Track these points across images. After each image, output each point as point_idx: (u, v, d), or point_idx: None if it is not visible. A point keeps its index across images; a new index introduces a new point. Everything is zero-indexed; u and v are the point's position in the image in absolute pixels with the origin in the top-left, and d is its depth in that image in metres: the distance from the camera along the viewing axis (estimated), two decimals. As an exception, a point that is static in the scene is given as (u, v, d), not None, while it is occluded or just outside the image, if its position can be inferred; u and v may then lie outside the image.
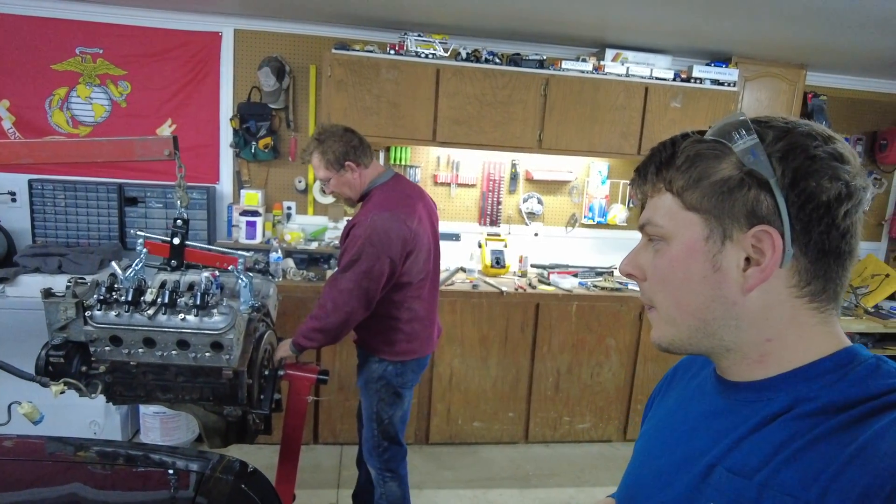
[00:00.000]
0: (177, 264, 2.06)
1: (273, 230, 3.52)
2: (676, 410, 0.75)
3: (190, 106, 3.42)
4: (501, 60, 3.30)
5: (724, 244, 0.59)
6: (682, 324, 0.63)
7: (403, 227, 2.06)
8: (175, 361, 1.82)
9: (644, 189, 0.66)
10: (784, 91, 3.68)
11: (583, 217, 3.87)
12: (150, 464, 1.58)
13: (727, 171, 0.59)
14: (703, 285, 0.60)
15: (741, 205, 0.58)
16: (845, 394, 0.56)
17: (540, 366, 3.36)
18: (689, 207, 0.61)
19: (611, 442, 3.53)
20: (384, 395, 2.23)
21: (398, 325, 2.19)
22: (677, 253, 0.62)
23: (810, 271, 0.58)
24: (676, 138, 0.64)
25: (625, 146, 3.42)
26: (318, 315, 2.09)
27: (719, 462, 0.61)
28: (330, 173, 2.14)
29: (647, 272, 0.66)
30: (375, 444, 2.28)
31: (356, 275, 2.03)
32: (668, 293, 0.63)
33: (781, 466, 0.56)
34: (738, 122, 0.60)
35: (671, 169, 0.62)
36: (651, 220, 0.64)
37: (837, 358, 0.59)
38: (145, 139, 1.98)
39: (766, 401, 0.60)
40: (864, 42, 3.07)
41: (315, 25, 3.40)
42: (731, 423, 0.63)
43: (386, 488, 2.30)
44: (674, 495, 0.66)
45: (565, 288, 3.40)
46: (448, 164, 3.67)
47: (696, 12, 2.75)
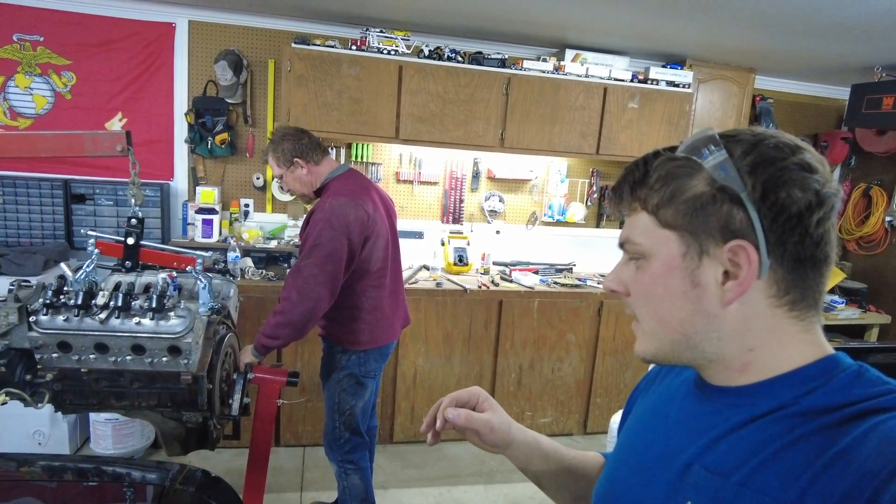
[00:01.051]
0: (132, 265, 1.97)
1: (230, 228, 3.42)
2: (658, 408, 0.75)
3: (142, 99, 3.28)
4: (464, 59, 3.30)
5: (702, 259, 0.60)
6: (664, 337, 0.64)
7: (360, 210, 2.11)
8: (130, 367, 1.74)
9: (620, 208, 0.67)
10: (735, 93, 3.81)
11: (543, 215, 3.92)
12: (105, 477, 1.51)
13: (699, 188, 0.59)
14: (684, 300, 0.61)
15: (715, 220, 0.59)
16: (827, 399, 0.56)
17: (503, 362, 3.39)
18: (664, 225, 0.62)
19: (572, 435, 3.60)
20: (346, 385, 2.24)
21: (360, 314, 2.21)
22: (656, 270, 0.63)
23: (788, 281, 0.59)
24: (648, 157, 0.65)
25: (584, 146, 3.48)
26: (282, 309, 2.05)
27: (697, 460, 0.62)
28: (282, 170, 2.22)
29: (629, 288, 0.66)
30: (336, 437, 2.28)
31: (319, 259, 2.03)
32: (649, 308, 0.64)
33: (760, 467, 0.56)
34: (707, 137, 0.60)
35: (644, 188, 0.63)
36: (629, 238, 0.65)
37: (821, 365, 0.59)
38: (96, 133, 1.88)
39: (750, 405, 0.61)
40: (809, 48, 3.22)
41: (274, 19, 3.32)
42: (710, 423, 0.63)
43: (348, 481, 2.29)
44: (652, 493, 0.66)
45: (527, 285, 3.44)
46: (411, 162, 3.65)
47: (652, 15, 2.82)
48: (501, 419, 0.83)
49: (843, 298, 3.93)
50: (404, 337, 3.19)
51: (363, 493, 2.33)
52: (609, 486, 0.75)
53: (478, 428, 0.81)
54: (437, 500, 2.88)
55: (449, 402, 0.83)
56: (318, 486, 2.90)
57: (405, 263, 3.52)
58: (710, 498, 0.59)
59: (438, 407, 0.83)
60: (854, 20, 2.64)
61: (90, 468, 1.66)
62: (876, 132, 3.91)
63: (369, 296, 2.22)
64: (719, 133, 0.61)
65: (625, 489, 0.71)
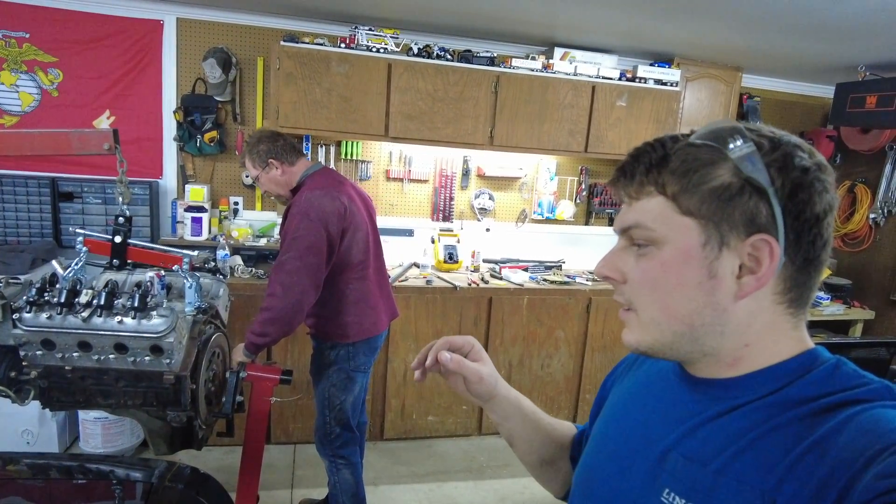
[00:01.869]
0: (119, 263, 1.97)
1: (219, 226, 3.41)
2: (636, 395, 0.75)
3: (130, 97, 3.26)
4: (453, 57, 3.31)
5: (721, 251, 0.59)
6: (667, 329, 0.62)
7: (336, 202, 2.13)
8: (113, 366, 1.74)
9: (629, 190, 0.64)
10: (722, 92, 3.85)
11: (532, 213, 3.94)
12: (92, 475, 1.52)
13: (726, 178, 0.58)
14: (697, 291, 0.59)
15: (740, 212, 0.58)
16: (805, 391, 0.57)
17: (493, 358, 3.32)
18: (684, 212, 0.60)
19: (561, 431, 3.62)
20: (336, 380, 2.26)
21: (345, 307, 2.23)
22: (671, 258, 0.60)
23: (794, 279, 0.59)
24: (664, 140, 0.63)
25: (572, 144, 3.51)
26: (268, 305, 2.06)
27: (675, 448, 0.62)
28: (257, 171, 2.25)
29: (627, 275, 0.64)
30: (327, 432, 2.29)
31: (299, 252, 2.04)
32: (655, 298, 0.62)
33: (738, 455, 0.57)
34: (732, 128, 0.60)
35: (664, 171, 0.61)
36: (640, 223, 0.62)
37: (800, 359, 0.60)
38: (83, 132, 1.88)
39: (731, 397, 0.61)
40: (795, 48, 3.26)
41: (262, 16, 3.31)
42: (689, 412, 0.64)
43: (339, 476, 2.31)
44: (631, 481, 0.66)
45: (516, 282, 3.46)
46: (401, 160, 3.65)
47: (640, 14, 2.84)
48: (490, 371, 0.84)
49: (829, 294, 3.99)
50: (394, 334, 3.21)
51: (353, 488, 2.34)
52: (587, 474, 0.75)
53: (467, 375, 0.82)
54: (428, 496, 2.90)
55: (442, 345, 0.83)
56: (308, 483, 2.91)
57: (395, 261, 3.54)
58: (687, 485, 0.59)
59: (431, 346, 0.84)
60: (838, 20, 2.67)
61: (76, 466, 1.66)
62: (860, 130, 3.97)
63: (353, 288, 2.24)
64: (741, 124, 0.60)
65: (603, 477, 0.71)
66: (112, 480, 1.45)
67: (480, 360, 0.85)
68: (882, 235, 4.11)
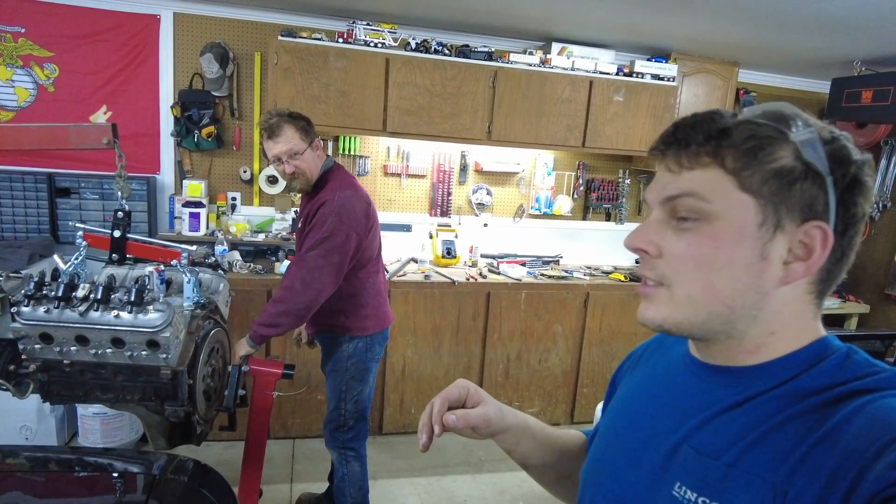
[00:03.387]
0: (118, 258, 1.97)
1: (217, 222, 3.41)
2: (645, 388, 0.74)
3: (127, 92, 3.25)
4: (450, 52, 3.31)
5: (776, 234, 0.57)
6: (703, 308, 0.60)
7: (362, 202, 2.15)
8: (111, 360, 1.73)
9: (681, 158, 0.60)
10: (718, 87, 3.86)
11: (530, 208, 3.95)
12: (94, 468, 1.52)
13: (788, 160, 0.57)
14: (745, 272, 0.58)
15: (800, 197, 0.56)
16: (816, 381, 0.57)
17: (491, 353, 3.43)
18: (744, 189, 0.57)
19: (559, 425, 3.65)
20: (355, 372, 2.28)
21: (365, 300, 2.25)
22: (724, 234, 0.58)
23: (828, 271, 0.59)
24: (720, 111, 0.60)
25: (570, 139, 3.51)
26: (283, 297, 2.06)
27: (686, 441, 0.62)
28: (305, 144, 2.11)
29: (664, 249, 0.61)
30: (340, 424, 2.31)
31: (326, 251, 2.05)
32: (699, 275, 0.59)
33: (749, 448, 0.56)
34: (794, 112, 0.58)
35: (726, 143, 0.58)
36: (695, 191, 0.59)
37: (813, 348, 0.60)
38: (82, 126, 1.88)
39: (743, 386, 0.60)
40: (791, 43, 3.27)
41: (259, 11, 3.30)
42: (700, 404, 0.63)
43: (348, 468, 2.33)
44: (641, 474, 0.66)
45: (514, 277, 3.47)
46: (398, 155, 3.66)
47: (637, 9, 2.85)
48: (495, 409, 0.81)
49: (824, 288, 4.01)
50: (393, 329, 3.20)
51: (360, 480, 2.36)
52: (597, 467, 0.75)
53: (475, 425, 0.78)
54: (427, 489, 2.92)
55: (441, 405, 0.78)
56: (307, 477, 2.92)
57: (393, 256, 3.55)
58: (699, 479, 0.59)
59: (431, 411, 0.78)
60: (834, 15, 2.68)
61: (75, 459, 1.66)
62: (855, 125, 3.98)
63: (371, 282, 2.27)
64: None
65: (613, 470, 0.71)
66: (114, 473, 1.45)
67: (481, 401, 0.80)
68: (877, 230, 4.14)
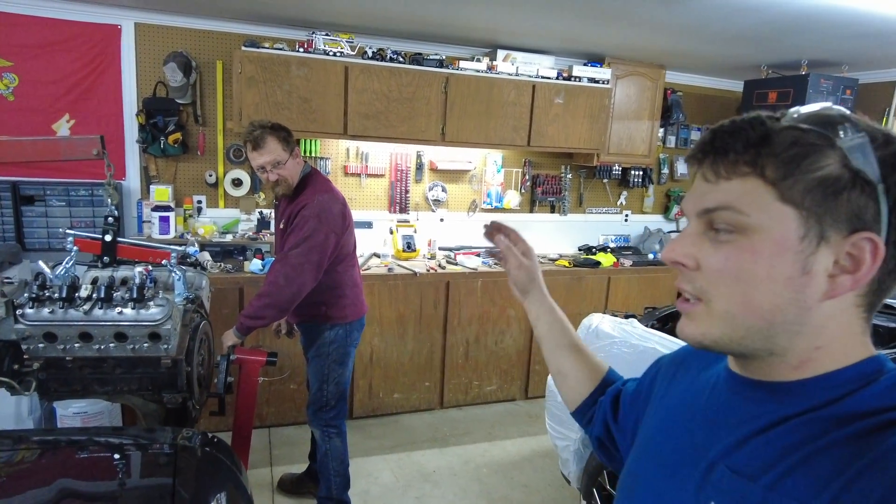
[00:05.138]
0: (109, 260, 2.13)
1: (185, 224, 3.54)
2: (684, 399, 0.72)
3: (90, 101, 3.33)
4: (405, 59, 3.55)
5: (819, 246, 0.54)
6: (742, 323, 0.57)
7: (339, 204, 2.38)
8: (113, 354, 1.89)
9: (718, 167, 0.58)
10: (648, 87, 4.25)
11: (482, 203, 4.24)
12: (112, 447, 1.67)
13: (834, 168, 0.53)
14: (786, 286, 0.55)
15: (846, 207, 0.53)
16: (866, 403, 0.54)
17: (451, 338, 3.71)
18: (785, 200, 0.54)
19: (515, 401, 3.98)
20: (336, 357, 2.50)
21: (345, 290, 2.49)
22: (763, 248, 0.55)
23: (878, 283, 0.56)
24: (762, 117, 0.57)
25: (516, 138, 3.82)
26: (268, 291, 2.26)
27: (722, 460, 0.59)
28: (286, 154, 2.31)
29: (702, 262, 0.59)
30: (323, 404, 2.53)
31: (307, 249, 2.26)
32: (737, 290, 0.57)
33: (790, 471, 0.54)
34: (842, 114, 0.55)
35: (767, 152, 0.55)
36: (732, 205, 0.56)
37: (862, 367, 0.57)
38: (71, 139, 2.04)
39: (779, 403, 0.58)
40: (710, 50, 3.68)
41: (220, 21, 3.44)
42: (738, 421, 0.61)
43: (330, 444, 2.55)
44: (675, 489, 0.64)
45: (471, 267, 3.76)
46: (357, 156, 3.87)
47: (574, 21, 3.17)
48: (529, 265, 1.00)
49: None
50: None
51: (342, 454, 2.60)
52: (632, 479, 0.74)
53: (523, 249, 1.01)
54: (398, 464, 3.17)
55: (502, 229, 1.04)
56: (286, 460, 3.12)
57: (357, 252, 3.76)
58: (735, 500, 0.56)
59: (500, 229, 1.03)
60: (743, 29, 3.09)
61: (85, 440, 1.79)
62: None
63: (349, 275, 2.51)
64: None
65: (647, 482, 0.70)
66: (141, 447, 1.62)
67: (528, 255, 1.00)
68: None
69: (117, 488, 1.45)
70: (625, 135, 4.22)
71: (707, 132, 0.60)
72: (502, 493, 2.95)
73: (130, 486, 1.48)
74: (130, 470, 1.55)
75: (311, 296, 2.33)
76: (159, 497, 1.36)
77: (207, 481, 1.50)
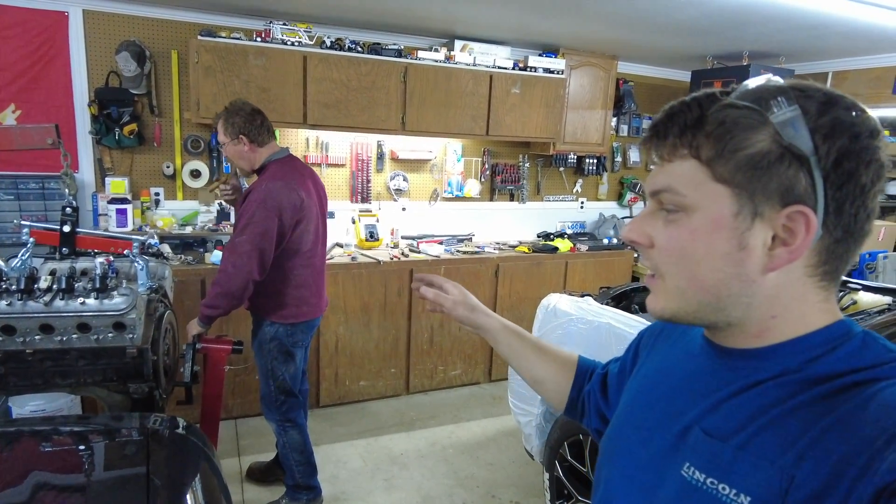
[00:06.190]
0: (68, 252, 2.10)
1: (143, 217, 3.48)
2: (662, 368, 0.75)
3: (37, 90, 3.23)
4: (363, 49, 3.57)
5: (754, 222, 0.56)
6: (692, 298, 0.61)
7: (294, 195, 2.32)
8: (76, 345, 1.86)
9: (661, 151, 0.61)
10: (601, 77, 4.39)
11: (443, 192, 4.31)
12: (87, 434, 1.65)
13: (764, 144, 0.55)
14: (725, 262, 0.58)
15: (777, 182, 0.55)
16: (831, 367, 0.56)
17: (416, 325, 3.77)
18: (718, 179, 0.57)
19: (479, 384, 4.08)
20: (276, 355, 2.46)
21: (287, 290, 2.42)
22: (700, 226, 0.58)
23: (830, 251, 0.57)
24: (701, 98, 0.59)
25: (475, 128, 3.90)
26: (220, 280, 2.26)
27: (697, 423, 0.62)
28: (226, 139, 2.37)
29: (655, 240, 0.62)
30: (273, 399, 2.52)
31: (252, 236, 2.24)
32: (682, 266, 0.60)
33: (759, 431, 0.56)
34: (776, 87, 0.56)
35: (699, 134, 0.57)
36: (671, 186, 0.60)
37: (829, 332, 0.59)
38: (24, 128, 1.99)
39: (752, 368, 0.61)
40: (658, 41, 3.84)
41: (173, 10, 3.38)
42: (712, 386, 0.63)
43: (287, 437, 2.55)
44: (652, 452, 0.67)
45: (433, 254, 3.83)
46: (317, 145, 3.87)
47: (529, 13, 3.26)
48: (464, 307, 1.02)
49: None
50: (324, 308, 3.46)
51: (301, 445, 2.60)
52: (612, 444, 0.76)
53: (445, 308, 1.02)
54: (366, 448, 3.22)
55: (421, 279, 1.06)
56: (253, 450, 3.13)
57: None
58: (707, 460, 0.59)
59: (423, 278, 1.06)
60: (688, 22, 3.24)
61: (50, 430, 1.76)
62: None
63: (297, 274, 2.43)
64: (788, 84, 0.56)
65: (626, 447, 0.72)
66: (106, 438, 1.61)
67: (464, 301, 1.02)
68: None
69: (89, 479, 1.45)
70: (579, 124, 4.35)
71: (659, 114, 0.62)
72: (469, 471, 3.04)
73: (103, 476, 1.47)
74: (101, 459, 1.55)
75: (257, 286, 2.31)
76: (134, 486, 1.36)
77: (180, 466, 1.51)
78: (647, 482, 0.66)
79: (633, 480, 0.69)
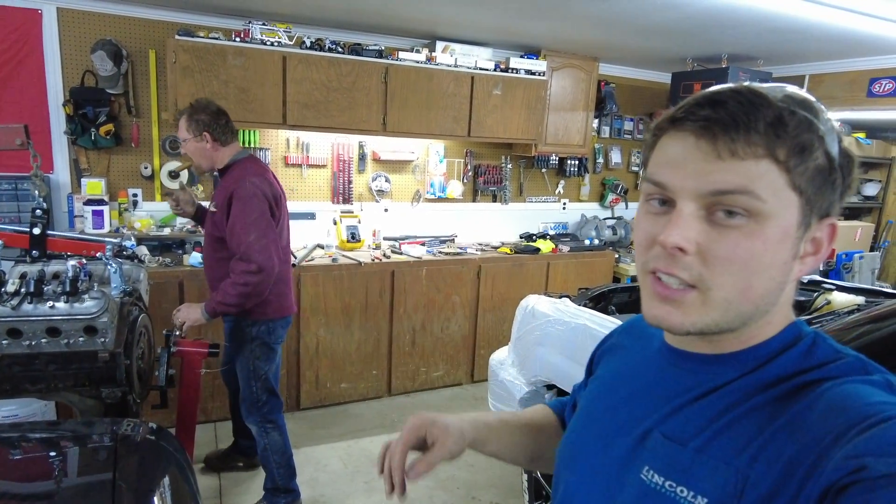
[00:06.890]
0: (39, 254, 2.07)
1: (120, 218, 3.43)
2: (621, 373, 0.75)
3: (8, 90, 3.17)
4: (344, 49, 3.55)
5: (806, 231, 0.56)
6: (734, 309, 0.56)
7: (273, 188, 2.39)
8: (45, 350, 1.83)
9: (733, 145, 0.53)
10: (582, 79, 4.41)
11: (425, 193, 4.31)
12: (47, 442, 1.63)
13: (821, 156, 0.54)
14: (780, 272, 0.56)
15: (829, 194, 0.55)
16: (783, 368, 0.57)
17: (398, 326, 3.76)
18: (793, 187, 0.54)
19: (461, 385, 4.08)
20: (259, 353, 2.47)
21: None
22: (773, 235, 0.54)
23: None
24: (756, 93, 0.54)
25: (457, 129, 3.90)
26: (247, 281, 2.24)
27: (656, 427, 0.63)
28: (188, 135, 2.37)
29: (707, 248, 0.55)
30: (255, 400, 2.51)
31: (262, 230, 2.27)
32: (741, 276, 0.55)
33: (716, 435, 0.57)
34: (816, 103, 0.55)
35: (782, 135, 0.53)
36: (750, 189, 0.53)
37: (785, 333, 0.60)
38: (-8, 129, 1.95)
39: (713, 373, 0.61)
40: (639, 43, 3.86)
41: (150, 9, 3.33)
42: (673, 392, 0.64)
43: (269, 439, 2.54)
44: (612, 457, 0.67)
45: (415, 256, 3.82)
46: (298, 146, 3.85)
47: (510, 14, 3.26)
48: (456, 439, 0.78)
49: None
50: (305, 311, 3.45)
51: (283, 447, 2.59)
52: (571, 450, 0.76)
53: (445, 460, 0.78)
54: (347, 451, 3.21)
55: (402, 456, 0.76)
56: (232, 454, 3.10)
57: (299, 243, 3.76)
58: (666, 463, 0.59)
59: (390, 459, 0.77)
60: (668, 24, 3.26)
61: (16, 437, 1.72)
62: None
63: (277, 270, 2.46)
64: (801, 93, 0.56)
65: (586, 452, 0.72)
66: (75, 444, 1.58)
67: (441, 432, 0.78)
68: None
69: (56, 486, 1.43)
70: (561, 125, 4.37)
71: (704, 99, 0.55)
72: (449, 473, 3.04)
73: (69, 482, 1.45)
74: (68, 466, 1.52)
75: None
76: (100, 492, 1.34)
77: (149, 472, 1.49)
78: (606, 486, 0.66)
79: (593, 485, 0.68)
